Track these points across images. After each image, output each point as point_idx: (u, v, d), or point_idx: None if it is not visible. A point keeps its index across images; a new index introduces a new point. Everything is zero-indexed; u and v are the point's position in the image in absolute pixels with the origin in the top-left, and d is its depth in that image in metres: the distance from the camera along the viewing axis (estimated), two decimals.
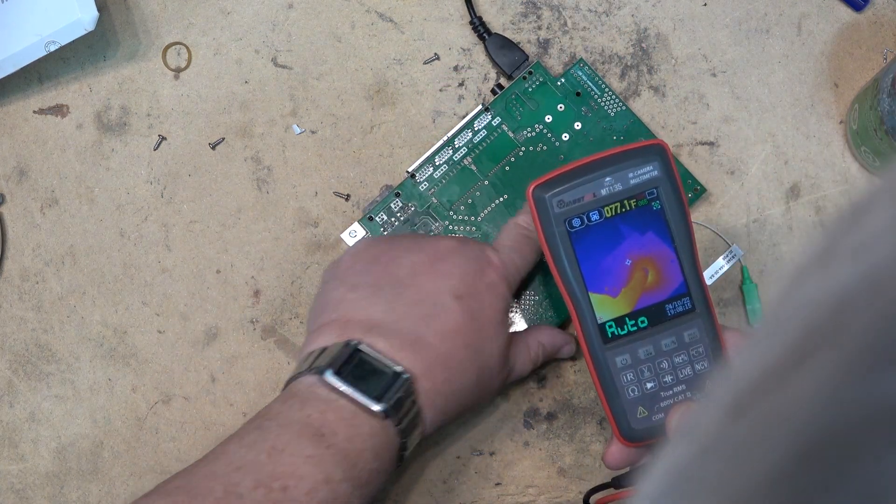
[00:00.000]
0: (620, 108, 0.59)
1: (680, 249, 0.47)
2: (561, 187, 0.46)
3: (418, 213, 0.58)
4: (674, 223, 0.46)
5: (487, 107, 0.59)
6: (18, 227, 0.60)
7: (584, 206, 0.46)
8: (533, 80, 0.59)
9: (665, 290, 0.47)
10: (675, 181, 0.46)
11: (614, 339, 0.47)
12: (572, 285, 0.46)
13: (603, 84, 0.59)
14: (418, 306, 0.48)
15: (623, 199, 0.46)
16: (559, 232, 0.46)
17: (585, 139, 0.58)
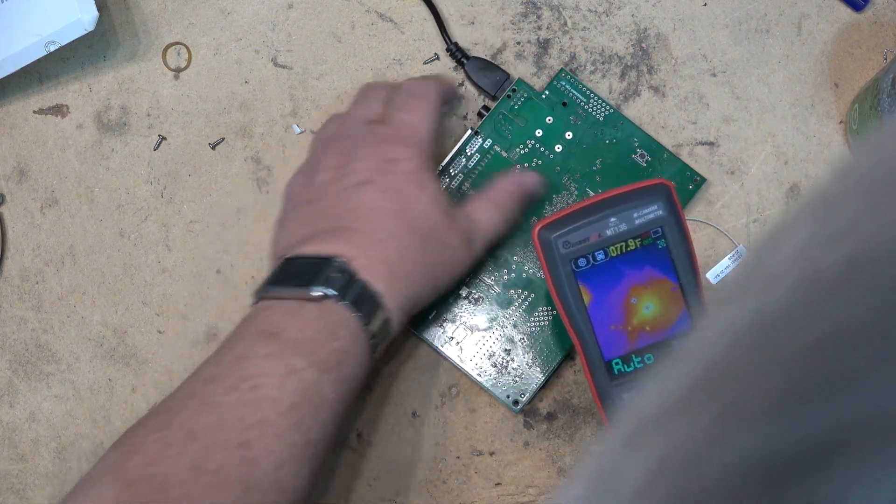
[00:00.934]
0: (608, 111, 0.58)
1: (685, 287, 0.47)
2: (566, 228, 0.47)
3: None
4: (679, 261, 0.47)
5: (476, 130, 0.58)
6: (18, 227, 0.60)
7: (589, 247, 0.47)
8: (517, 97, 0.58)
9: (671, 328, 0.47)
10: (679, 220, 0.47)
11: (620, 376, 0.48)
12: (578, 324, 0.47)
13: (587, 90, 0.59)
14: (335, 208, 0.50)
15: (628, 239, 0.47)
16: (565, 272, 0.47)
17: (578, 147, 0.58)
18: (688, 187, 0.58)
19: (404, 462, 0.57)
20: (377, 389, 0.57)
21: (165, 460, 0.43)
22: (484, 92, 0.59)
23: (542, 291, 0.57)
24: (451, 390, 0.58)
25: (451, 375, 0.58)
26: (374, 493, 0.57)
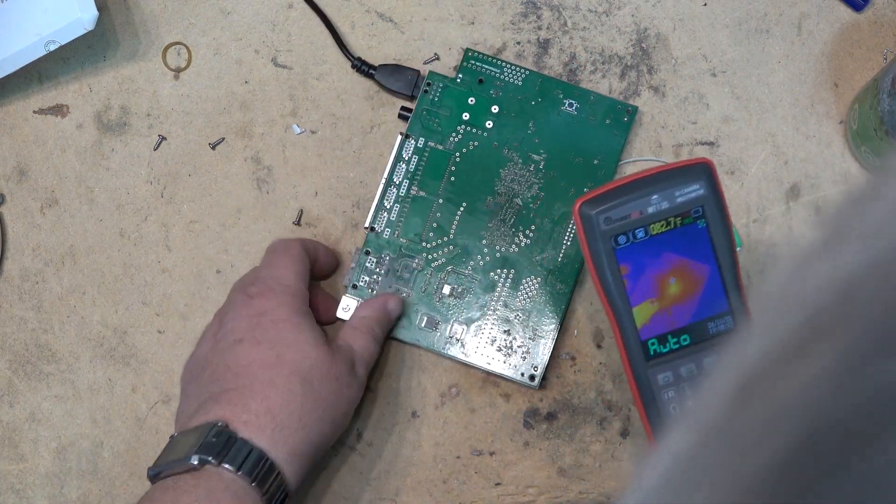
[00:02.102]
0: (525, 73, 0.59)
1: (724, 268, 0.47)
2: (608, 204, 0.46)
3: (395, 260, 0.57)
4: (718, 241, 0.47)
5: (407, 133, 0.58)
6: (18, 227, 0.60)
7: (630, 224, 0.46)
8: (434, 89, 0.58)
9: (708, 308, 0.47)
10: (720, 200, 0.47)
11: (657, 356, 0.47)
12: (616, 302, 0.47)
13: (498, 61, 0.59)
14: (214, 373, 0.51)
15: (669, 217, 0.46)
16: (605, 248, 0.46)
17: (508, 117, 0.58)
18: (623, 120, 0.58)
19: (404, 462, 0.57)
20: (377, 389, 0.57)
21: None
22: (400, 95, 0.59)
23: (522, 264, 0.57)
24: (451, 390, 0.58)
25: (451, 375, 0.58)
26: (374, 493, 0.57)
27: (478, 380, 0.58)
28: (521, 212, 0.57)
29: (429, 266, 0.57)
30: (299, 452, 0.48)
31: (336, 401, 0.50)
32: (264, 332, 0.50)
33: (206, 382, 0.50)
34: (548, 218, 0.57)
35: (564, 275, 0.57)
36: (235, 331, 0.51)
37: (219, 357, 0.51)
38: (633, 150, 0.59)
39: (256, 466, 0.46)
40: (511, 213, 0.58)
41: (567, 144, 0.58)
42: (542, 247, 0.57)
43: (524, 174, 0.58)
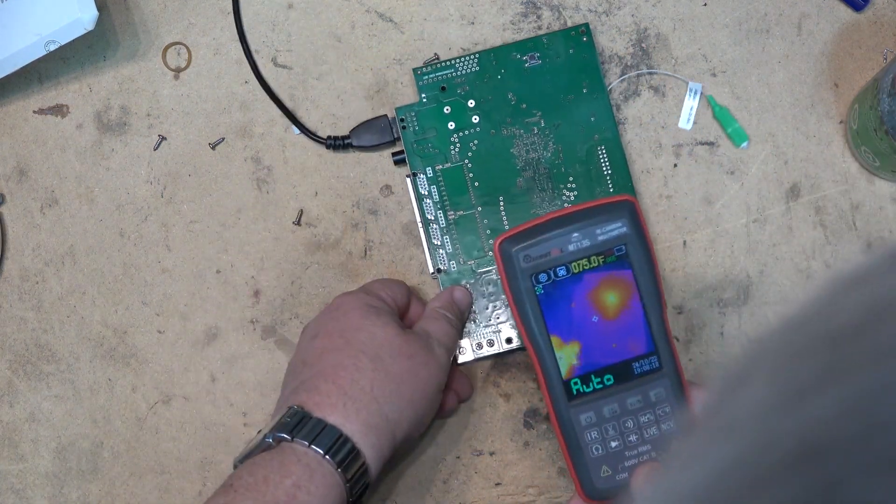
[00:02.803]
0: (476, 57, 0.59)
1: (648, 307, 0.46)
2: (527, 242, 0.46)
3: (475, 284, 0.57)
4: (642, 281, 0.46)
5: (413, 172, 0.58)
6: (18, 227, 0.60)
7: (550, 262, 0.46)
8: (409, 121, 0.59)
9: (632, 349, 0.46)
10: (644, 238, 0.46)
11: (579, 396, 0.47)
12: (538, 341, 0.46)
13: (447, 61, 0.59)
14: (297, 369, 0.52)
15: (591, 255, 0.46)
16: (525, 287, 0.46)
17: (487, 103, 0.59)
18: (583, 41, 0.59)
19: (404, 462, 0.57)
20: None
21: None
22: (384, 145, 0.59)
23: None
24: None
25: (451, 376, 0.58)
26: (374, 492, 0.57)
27: (478, 380, 0.58)
28: (552, 172, 0.58)
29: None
30: (373, 425, 0.49)
31: (411, 379, 0.51)
32: (336, 323, 0.52)
33: (288, 382, 0.52)
34: (577, 163, 0.58)
35: None
36: (311, 329, 0.53)
37: (298, 356, 0.53)
38: (610, 61, 0.59)
39: (330, 440, 0.47)
40: (544, 178, 0.58)
41: (551, 92, 0.59)
42: (589, 189, 0.58)
43: (533, 140, 0.58)
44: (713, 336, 0.58)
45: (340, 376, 0.49)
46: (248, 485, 0.46)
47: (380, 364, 0.50)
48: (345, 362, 0.50)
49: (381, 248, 0.59)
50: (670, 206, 0.59)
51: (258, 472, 0.47)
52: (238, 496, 0.46)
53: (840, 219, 0.58)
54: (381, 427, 0.49)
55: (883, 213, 0.58)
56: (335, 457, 0.47)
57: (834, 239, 0.58)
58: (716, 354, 0.58)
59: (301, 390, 0.50)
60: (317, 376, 0.50)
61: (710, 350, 0.58)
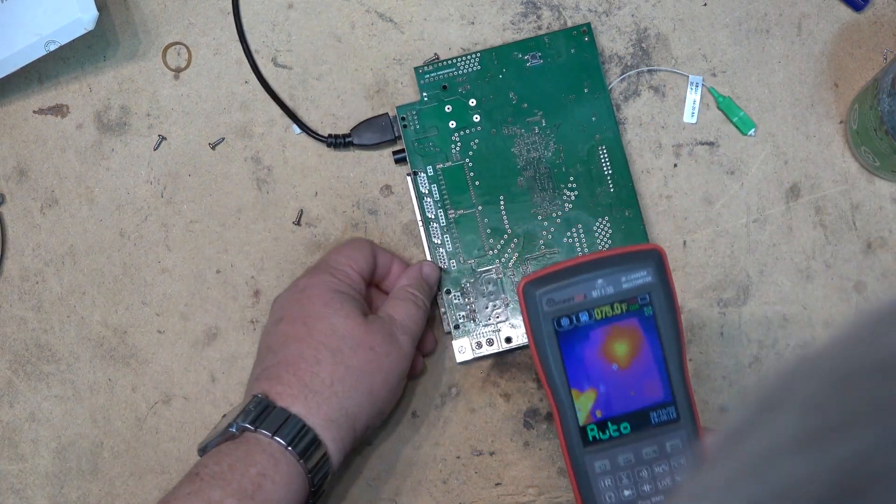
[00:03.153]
0: (478, 56, 0.59)
1: (668, 358, 0.46)
2: (551, 285, 0.46)
3: (475, 282, 0.57)
4: (664, 331, 0.46)
5: (414, 171, 0.58)
6: (18, 227, 0.60)
7: (573, 307, 0.46)
8: (410, 119, 0.59)
9: (650, 398, 0.46)
10: (668, 288, 0.46)
11: (595, 442, 0.46)
12: (556, 384, 0.46)
13: (449, 60, 0.59)
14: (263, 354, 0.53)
15: (614, 303, 0.46)
16: (546, 331, 0.46)
17: (489, 102, 0.59)
18: (584, 41, 0.59)
19: (404, 462, 0.57)
20: None
21: None
22: (386, 143, 0.59)
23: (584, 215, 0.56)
24: (451, 390, 0.58)
25: (451, 375, 0.58)
26: (374, 493, 0.57)
27: (478, 380, 0.58)
28: (553, 171, 0.58)
29: (506, 268, 0.58)
30: (334, 419, 0.50)
31: (372, 371, 0.51)
32: (300, 308, 0.52)
33: (255, 366, 0.53)
34: (578, 163, 0.58)
35: (625, 200, 0.58)
36: (277, 311, 0.53)
37: (264, 340, 0.53)
38: (610, 61, 0.59)
39: (293, 431, 0.48)
40: (545, 178, 0.58)
41: (552, 91, 0.59)
42: (590, 189, 0.58)
43: (534, 140, 0.58)
44: (713, 336, 0.58)
45: (301, 368, 0.50)
46: (213, 473, 0.47)
47: (340, 357, 0.50)
48: (306, 353, 0.50)
49: None
50: (670, 206, 0.59)
51: (223, 461, 0.48)
52: (204, 484, 0.47)
53: (840, 219, 0.58)
54: (342, 421, 0.50)
55: (883, 213, 0.58)
56: (297, 447, 0.48)
57: (834, 239, 0.58)
58: (716, 354, 0.58)
59: (264, 378, 0.50)
60: (279, 365, 0.51)
61: (710, 350, 0.58)
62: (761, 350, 0.58)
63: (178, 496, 0.47)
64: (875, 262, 0.58)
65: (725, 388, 0.57)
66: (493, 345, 0.57)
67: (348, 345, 0.51)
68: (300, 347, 0.51)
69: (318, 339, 0.51)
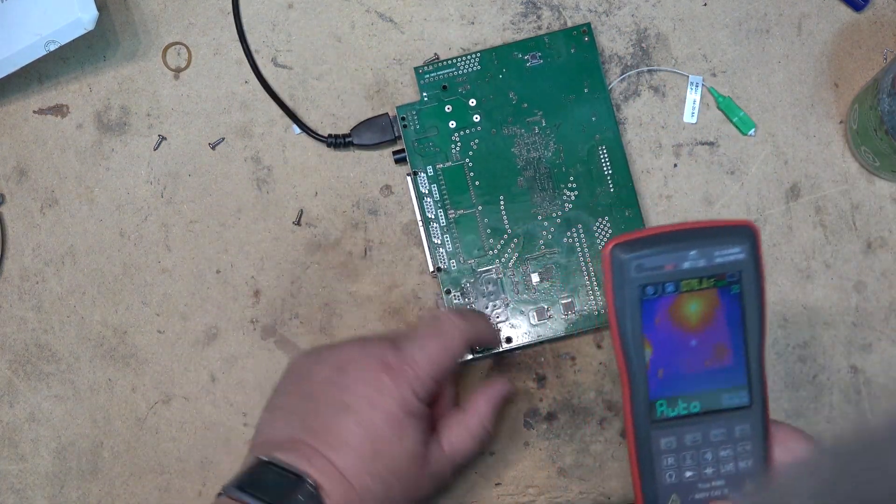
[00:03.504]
0: (478, 56, 0.59)
1: (749, 340, 0.45)
2: (643, 251, 0.43)
3: (475, 282, 0.57)
4: (749, 312, 0.44)
5: (414, 171, 0.58)
6: (18, 227, 0.60)
7: (662, 275, 0.44)
8: (410, 119, 0.59)
9: (725, 379, 0.45)
10: (759, 269, 0.44)
11: (663, 419, 0.45)
12: (631, 354, 0.44)
13: (449, 60, 0.59)
14: (316, 421, 0.49)
15: (703, 276, 0.44)
16: (630, 297, 0.44)
17: (489, 102, 0.59)
18: (584, 41, 0.59)
19: None
20: None
21: None
22: (386, 143, 0.59)
23: (584, 215, 0.57)
24: None
25: None
26: None
27: (478, 380, 0.58)
28: (553, 172, 0.58)
29: (506, 268, 0.58)
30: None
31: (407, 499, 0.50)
32: (374, 419, 0.48)
33: (306, 415, 0.49)
34: (578, 162, 0.58)
35: (625, 200, 0.58)
36: (353, 392, 0.49)
37: (327, 403, 0.49)
38: (610, 61, 0.59)
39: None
40: (545, 178, 0.58)
41: (553, 91, 0.59)
42: (590, 189, 0.58)
43: (534, 140, 0.58)
44: None
45: (357, 488, 0.47)
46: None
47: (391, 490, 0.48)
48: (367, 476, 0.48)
49: (381, 248, 0.59)
50: (670, 206, 0.59)
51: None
52: None
53: (840, 219, 0.58)
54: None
55: (883, 213, 0.58)
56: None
57: (834, 239, 0.58)
58: None
59: (318, 460, 0.47)
60: (340, 467, 0.48)
61: None
62: None
63: None
64: (875, 262, 0.58)
65: None
66: None
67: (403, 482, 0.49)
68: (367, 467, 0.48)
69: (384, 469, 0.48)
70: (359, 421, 0.48)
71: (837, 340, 0.58)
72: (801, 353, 0.58)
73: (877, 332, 0.58)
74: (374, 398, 0.49)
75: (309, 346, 0.59)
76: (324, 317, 0.59)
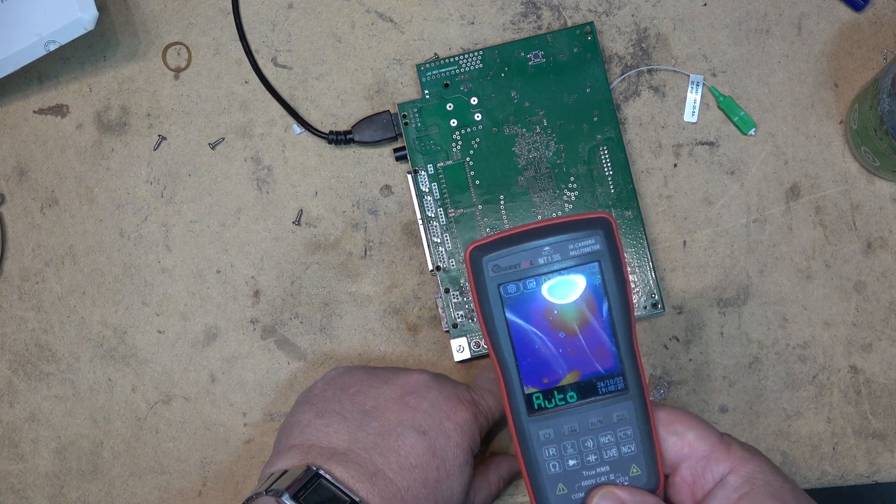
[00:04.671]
0: (480, 54, 0.59)
1: (617, 327, 0.46)
2: (497, 251, 0.45)
3: None
4: (613, 299, 0.45)
5: (414, 169, 0.58)
6: (18, 227, 0.60)
7: (519, 273, 0.45)
8: (412, 117, 0.59)
9: (598, 367, 0.46)
10: (617, 256, 0.45)
11: (540, 410, 0.46)
12: (502, 351, 0.45)
13: (451, 58, 0.59)
14: (382, 438, 0.48)
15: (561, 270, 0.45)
16: (493, 297, 0.45)
17: (490, 100, 0.59)
18: (587, 40, 0.59)
19: None
20: None
21: None
22: (386, 141, 0.59)
23: None
24: None
25: (451, 375, 0.58)
26: None
27: None
28: (553, 171, 0.58)
29: None
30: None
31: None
32: (441, 447, 0.49)
33: (369, 431, 0.49)
34: (579, 163, 0.58)
35: (625, 201, 0.58)
36: (423, 415, 0.49)
37: (395, 424, 0.49)
38: (610, 61, 0.59)
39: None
40: (545, 178, 0.58)
41: (555, 90, 0.59)
42: (591, 190, 0.58)
43: (535, 139, 0.58)
44: (713, 336, 0.58)
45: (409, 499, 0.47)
46: None
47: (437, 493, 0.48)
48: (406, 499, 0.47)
49: (381, 248, 0.59)
50: (670, 206, 0.59)
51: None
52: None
53: (840, 219, 0.58)
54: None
55: (883, 213, 0.58)
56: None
57: (834, 239, 0.58)
58: (716, 354, 0.58)
59: (377, 484, 0.47)
60: (398, 495, 0.47)
61: (710, 350, 0.58)
62: (761, 350, 0.58)
63: None
64: (875, 262, 0.58)
65: (725, 389, 0.57)
66: None
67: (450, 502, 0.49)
68: (422, 493, 0.47)
69: (439, 496, 0.48)
70: (431, 447, 0.48)
71: (837, 340, 0.58)
72: (801, 353, 0.58)
73: (877, 332, 0.58)
74: (448, 429, 0.49)
75: (308, 346, 0.59)
76: (324, 317, 0.59)
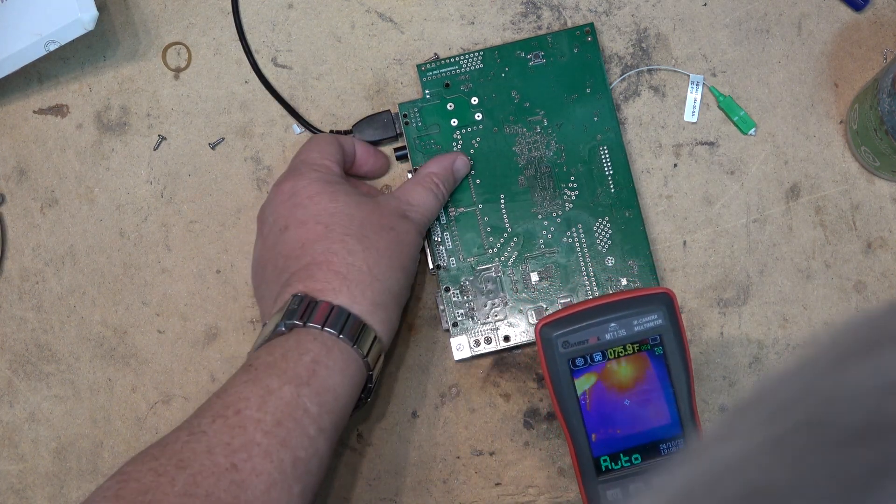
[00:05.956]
0: (480, 55, 0.59)
1: (678, 393, 0.50)
2: (567, 328, 0.49)
3: (474, 280, 0.57)
4: (674, 368, 0.49)
5: (415, 168, 0.58)
6: (18, 227, 0.60)
7: (588, 348, 0.49)
8: (412, 117, 0.59)
9: (661, 431, 0.50)
10: (678, 329, 0.49)
11: (608, 472, 0.50)
12: (572, 421, 0.49)
13: (452, 59, 0.59)
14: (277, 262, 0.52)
15: (626, 344, 0.49)
16: (562, 370, 0.49)
17: (491, 101, 0.59)
18: (587, 41, 0.59)
19: (404, 462, 0.57)
20: (377, 389, 0.57)
21: (158, 488, 0.44)
22: (388, 140, 0.59)
23: (584, 214, 0.57)
24: (451, 390, 0.58)
25: (451, 375, 0.58)
26: (374, 493, 0.57)
27: (478, 380, 0.58)
28: (554, 171, 0.58)
29: (506, 266, 0.58)
30: (380, 302, 0.50)
31: (398, 247, 0.52)
32: (305, 210, 0.52)
33: (272, 279, 0.52)
34: (579, 162, 0.58)
35: (625, 200, 0.58)
36: (278, 220, 0.53)
37: (273, 251, 0.52)
38: (610, 61, 0.59)
39: (340, 320, 0.49)
40: (545, 177, 0.58)
41: (555, 90, 0.59)
42: (590, 189, 0.58)
43: (535, 139, 0.58)
44: (713, 336, 0.58)
45: (334, 262, 0.50)
46: (267, 363, 0.48)
47: (367, 243, 0.51)
48: (334, 248, 0.50)
49: None
50: (670, 206, 0.59)
51: (276, 352, 0.48)
52: (260, 373, 0.47)
53: (840, 219, 0.58)
54: (387, 303, 0.51)
55: (883, 213, 0.58)
56: (348, 335, 0.49)
57: (834, 239, 0.58)
58: (716, 354, 0.58)
59: (296, 281, 0.50)
60: (309, 266, 0.50)
61: (710, 350, 0.58)
62: (761, 350, 0.58)
63: (234, 384, 0.47)
64: (875, 262, 0.58)
65: (725, 388, 0.57)
66: (491, 343, 0.57)
67: (371, 229, 0.51)
68: (326, 244, 0.50)
69: (340, 231, 0.51)
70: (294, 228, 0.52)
71: None
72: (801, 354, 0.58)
73: None
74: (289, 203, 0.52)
75: None
76: None
